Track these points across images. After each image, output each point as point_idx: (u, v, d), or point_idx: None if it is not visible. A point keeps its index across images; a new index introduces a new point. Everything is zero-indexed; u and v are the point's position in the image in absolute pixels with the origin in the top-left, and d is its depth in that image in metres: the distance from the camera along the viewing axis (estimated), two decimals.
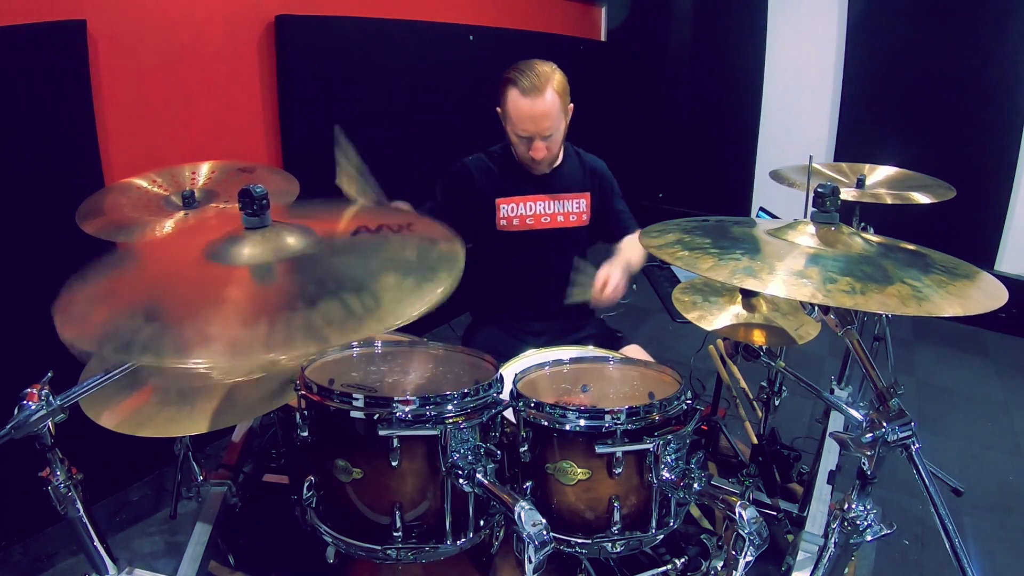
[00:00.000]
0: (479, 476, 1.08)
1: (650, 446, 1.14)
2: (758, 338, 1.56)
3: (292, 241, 1.05)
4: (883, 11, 3.82)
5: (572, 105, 1.78)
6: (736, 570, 1.04)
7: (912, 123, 3.84)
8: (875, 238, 1.21)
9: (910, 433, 0.98)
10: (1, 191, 1.77)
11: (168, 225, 1.56)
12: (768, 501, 1.87)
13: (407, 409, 1.06)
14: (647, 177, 4.94)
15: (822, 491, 1.75)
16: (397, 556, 1.11)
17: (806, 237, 1.15)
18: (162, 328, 0.87)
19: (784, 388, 2.00)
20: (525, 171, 1.85)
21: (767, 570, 1.69)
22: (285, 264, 1.01)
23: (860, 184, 2.19)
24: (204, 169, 1.79)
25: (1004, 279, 1.07)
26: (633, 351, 1.84)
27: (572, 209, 1.91)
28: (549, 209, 1.89)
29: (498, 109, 1.79)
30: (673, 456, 1.17)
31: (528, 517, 0.97)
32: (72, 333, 0.87)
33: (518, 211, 1.87)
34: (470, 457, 1.10)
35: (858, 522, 1.05)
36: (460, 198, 1.86)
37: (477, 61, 3.40)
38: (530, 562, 0.96)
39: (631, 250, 1.85)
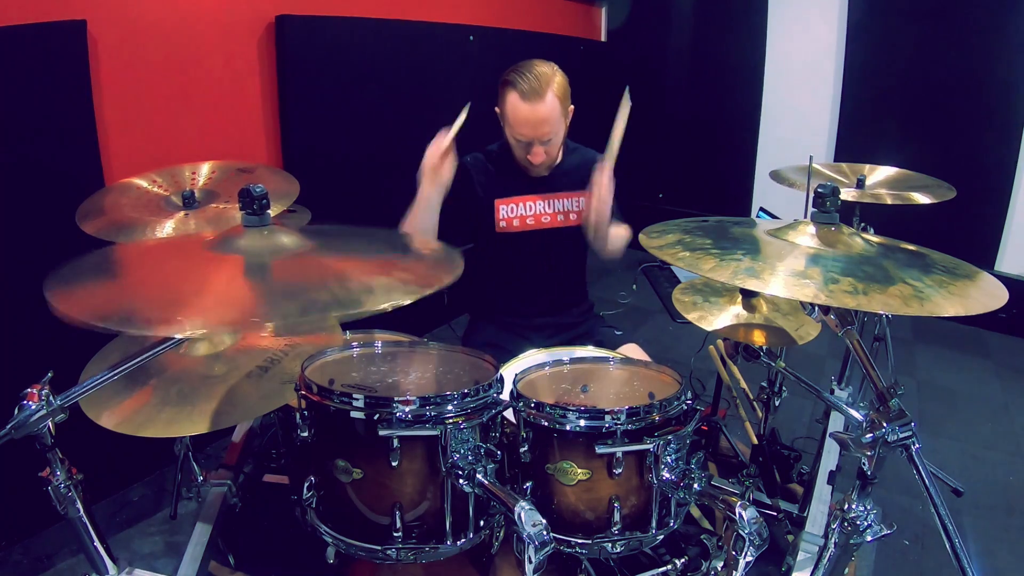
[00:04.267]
0: (479, 476, 1.08)
1: (650, 446, 1.14)
2: (758, 338, 1.56)
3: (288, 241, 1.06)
4: (883, 11, 3.82)
5: (573, 107, 1.76)
6: (736, 570, 1.04)
7: (912, 123, 3.84)
8: (875, 238, 1.21)
9: (910, 433, 0.98)
10: (1, 191, 1.77)
11: (168, 225, 1.56)
12: (768, 501, 1.87)
13: (407, 409, 1.06)
14: (647, 177, 4.94)
15: (822, 491, 1.75)
16: (397, 556, 1.11)
17: (806, 237, 1.14)
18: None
19: (784, 388, 2.00)
20: (524, 171, 1.84)
21: (767, 570, 1.69)
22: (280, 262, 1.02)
23: (860, 184, 2.19)
24: (204, 169, 1.78)
25: (1004, 279, 1.08)
26: (631, 350, 1.83)
27: (572, 208, 1.89)
28: (549, 208, 1.87)
29: (497, 110, 1.78)
30: (673, 456, 1.17)
31: (528, 517, 0.97)
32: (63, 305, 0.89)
33: (517, 212, 1.86)
34: (470, 457, 1.10)
35: (858, 522, 1.05)
36: (457, 199, 1.85)
37: (477, 61, 3.39)
38: (530, 562, 0.96)
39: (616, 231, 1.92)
